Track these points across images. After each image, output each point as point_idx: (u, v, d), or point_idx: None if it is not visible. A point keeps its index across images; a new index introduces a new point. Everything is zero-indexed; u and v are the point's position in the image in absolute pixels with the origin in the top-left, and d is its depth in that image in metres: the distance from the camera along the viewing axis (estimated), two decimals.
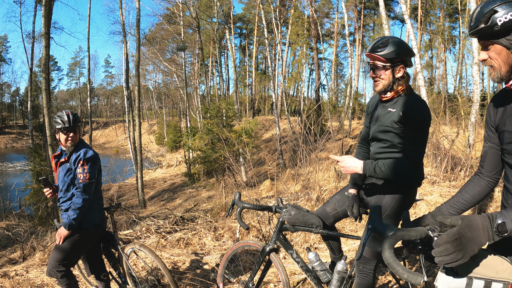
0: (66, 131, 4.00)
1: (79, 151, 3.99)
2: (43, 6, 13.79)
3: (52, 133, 13.58)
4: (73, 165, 3.98)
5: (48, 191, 4.27)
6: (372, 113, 3.17)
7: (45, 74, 13.85)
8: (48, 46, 13.84)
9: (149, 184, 29.55)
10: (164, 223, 7.59)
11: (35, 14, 25.64)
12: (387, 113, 2.95)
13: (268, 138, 35.84)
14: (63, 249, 3.95)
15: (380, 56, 2.82)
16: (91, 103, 31.05)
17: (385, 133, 2.95)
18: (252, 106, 53.88)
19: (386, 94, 2.96)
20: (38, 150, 20.92)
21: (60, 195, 4.12)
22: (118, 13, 28.47)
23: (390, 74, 2.86)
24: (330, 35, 51.78)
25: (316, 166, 8.42)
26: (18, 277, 6.05)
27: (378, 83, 2.92)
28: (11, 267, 7.06)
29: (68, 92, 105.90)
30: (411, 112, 2.80)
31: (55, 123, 4.03)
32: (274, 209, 3.40)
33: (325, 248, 5.42)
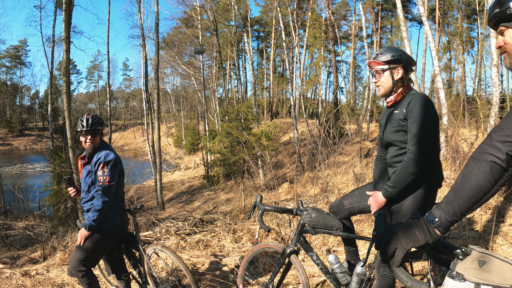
0: (85, 133, 4.09)
1: (100, 153, 4.05)
2: (64, 11, 13.98)
3: (72, 136, 13.76)
4: (93, 167, 4.04)
5: (72, 190, 4.38)
6: (384, 124, 3.28)
7: (66, 77, 14.02)
8: (69, 50, 14.01)
9: (167, 186, 29.67)
10: (184, 225, 7.62)
11: (55, 18, 25.95)
12: (394, 115, 3.08)
13: (286, 141, 35.77)
14: (84, 250, 4.02)
15: (378, 61, 3.05)
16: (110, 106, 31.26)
17: (395, 134, 3.04)
18: (270, 109, 53.84)
19: (389, 97, 3.15)
20: (58, 152, 21.13)
21: (82, 196, 4.20)
22: (137, 17, 28.67)
23: (389, 75, 3.05)
24: (347, 38, 51.50)
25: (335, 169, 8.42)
26: (38, 276, 6.13)
27: (380, 87, 3.13)
28: (32, 266, 7.16)
29: (87, 95, 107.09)
30: (410, 106, 2.92)
31: (77, 126, 4.14)
32: (294, 211, 3.42)
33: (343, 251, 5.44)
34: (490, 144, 1.64)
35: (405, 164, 2.87)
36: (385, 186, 3.01)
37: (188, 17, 36.83)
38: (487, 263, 1.55)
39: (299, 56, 41.48)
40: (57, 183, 18.75)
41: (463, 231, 5.12)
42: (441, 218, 1.66)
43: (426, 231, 1.67)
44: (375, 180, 3.50)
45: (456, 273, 1.58)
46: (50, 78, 27.27)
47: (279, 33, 48.06)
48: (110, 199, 3.94)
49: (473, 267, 1.55)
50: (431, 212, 1.70)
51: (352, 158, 13.41)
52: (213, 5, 35.98)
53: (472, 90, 38.44)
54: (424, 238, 1.66)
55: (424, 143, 2.85)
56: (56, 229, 12.80)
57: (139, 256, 4.44)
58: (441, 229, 1.66)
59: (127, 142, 74.22)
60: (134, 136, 77.70)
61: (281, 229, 6.29)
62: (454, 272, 1.58)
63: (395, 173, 2.93)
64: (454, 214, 1.65)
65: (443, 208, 1.67)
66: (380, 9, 45.89)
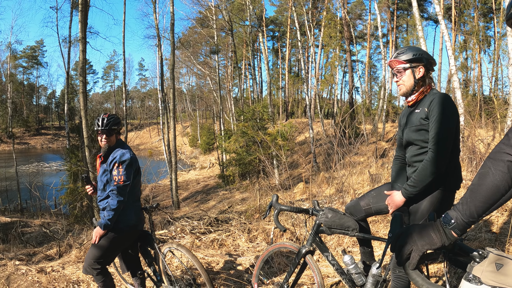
0: (101, 133, 4.14)
1: (116, 153, 4.07)
2: (80, 12, 14.10)
3: (89, 135, 13.87)
4: (109, 166, 4.06)
5: (89, 188, 4.44)
6: (403, 123, 3.28)
7: (82, 77, 14.15)
8: (85, 50, 14.13)
9: (182, 186, 29.80)
10: (199, 224, 7.64)
11: (71, 19, 26.22)
12: (415, 114, 3.06)
13: (301, 141, 35.71)
14: (99, 248, 4.06)
15: (400, 60, 3.05)
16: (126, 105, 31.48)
17: (416, 133, 3.03)
18: (285, 109, 53.83)
19: (410, 96, 3.13)
20: (74, 151, 21.30)
21: (99, 194, 4.24)
22: (152, 17, 28.88)
23: (410, 74, 3.05)
24: (363, 37, 51.23)
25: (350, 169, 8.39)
26: (54, 273, 6.20)
27: (401, 86, 3.12)
28: (48, 263, 7.23)
29: (103, 94, 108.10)
30: (432, 105, 2.90)
31: (93, 125, 4.20)
32: (310, 211, 3.42)
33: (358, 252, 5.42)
34: (508, 144, 1.62)
35: (426, 163, 2.85)
36: (404, 185, 2.99)
37: (203, 17, 36.96)
38: (504, 266, 1.53)
39: (314, 56, 41.34)
40: (73, 182, 18.91)
41: (479, 233, 5.07)
42: (457, 219, 1.65)
43: (442, 233, 1.66)
44: (392, 180, 3.49)
45: (473, 276, 1.56)
46: (67, 78, 27.52)
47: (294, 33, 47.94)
48: (125, 198, 3.96)
49: (490, 270, 1.53)
50: (448, 213, 1.69)
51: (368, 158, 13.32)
52: (228, 5, 36.04)
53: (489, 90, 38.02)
54: (440, 240, 1.65)
55: (445, 143, 2.83)
56: (72, 227, 12.93)
57: (154, 254, 4.47)
58: (458, 230, 1.64)
59: (142, 141, 74.65)
60: (149, 135, 78.13)
61: (296, 229, 6.28)
62: (470, 275, 1.57)
63: (416, 172, 2.91)
64: (470, 215, 1.63)
65: (460, 209, 1.66)
66: (396, 8, 45.57)
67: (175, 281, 4.37)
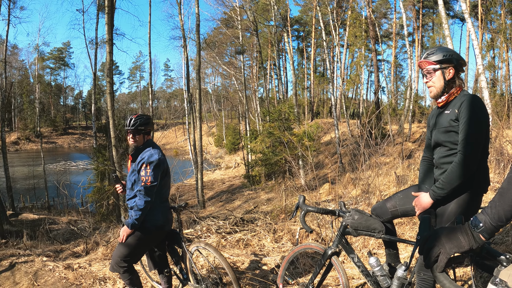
0: (129, 132, 4.22)
1: (145, 153, 4.12)
2: (106, 14, 14.29)
3: (116, 135, 14.05)
4: (137, 166, 4.12)
5: (119, 187, 4.55)
6: (432, 124, 3.25)
7: (109, 78, 14.34)
8: (112, 52, 14.31)
9: (207, 185, 29.93)
10: (224, 224, 7.68)
11: (97, 21, 26.66)
12: (444, 116, 3.05)
13: (327, 141, 35.55)
14: (126, 246, 4.13)
15: (429, 61, 3.02)
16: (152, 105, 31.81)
17: (445, 134, 3.01)
18: (311, 109, 53.65)
19: (441, 98, 3.10)
20: (101, 150, 21.60)
21: (127, 193, 4.32)
22: (177, 18, 29.06)
23: (441, 76, 3.01)
24: (388, 36, 50.69)
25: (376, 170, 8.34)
26: (81, 270, 6.31)
27: (431, 88, 3.09)
28: (75, 260, 7.36)
29: (129, 95, 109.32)
30: (463, 107, 2.88)
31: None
32: (337, 213, 3.43)
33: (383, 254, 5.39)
34: None
35: (456, 165, 2.84)
36: (432, 187, 2.98)
37: (228, 18, 37.11)
38: None
39: (339, 56, 41.14)
40: (100, 180, 19.17)
41: (506, 237, 5.00)
42: (485, 223, 1.64)
43: (470, 236, 1.66)
44: (420, 181, 3.47)
45: (500, 280, 1.56)
46: (94, 79, 27.96)
47: (319, 33, 47.82)
48: (152, 199, 4.00)
49: None
50: (476, 217, 1.69)
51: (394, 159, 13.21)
52: (253, 5, 36.10)
53: None
54: (468, 243, 1.65)
55: (476, 145, 2.81)
56: (98, 224, 13.12)
57: (182, 253, 4.52)
58: (486, 234, 1.64)
59: (168, 141, 75.21)
60: (175, 135, 78.69)
61: (321, 230, 6.28)
62: (497, 279, 1.57)
63: (444, 174, 2.90)
64: (499, 219, 1.63)
65: (488, 213, 1.66)
66: (421, 6, 44.94)
67: (202, 279, 4.40)
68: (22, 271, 6.95)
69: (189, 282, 4.51)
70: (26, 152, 70.14)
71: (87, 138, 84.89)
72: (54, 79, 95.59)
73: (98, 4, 25.74)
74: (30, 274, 6.55)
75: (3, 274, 7.18)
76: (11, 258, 8.14)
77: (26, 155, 60.36)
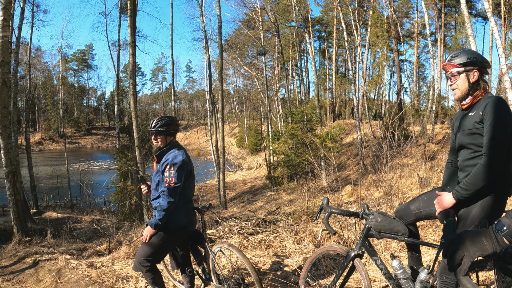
0: (152, 133, 4.29)
1: (169, 155, 4.17)
2: (129, 16, 14.46)
3: (139, 135, 14.20)
4: (161, 167, 4.17)
5: (144, 188, 4.60)
6: (456, 127, 3.24)
7: (132, 80, 14.48)
8: (134, 54, 14.47)
9: (229, 186, 29.99)
10: (247, 225, 7.68)
11: (119, 23, 27.00)
12: (469, 118, 3.03)
13: (349, 143, 35.37)
14: (150, 246, 4.19)
15: (454, 63, 3.02)
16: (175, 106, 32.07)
17: (469, 136, 2.99)
18: (332, 110, 53.41)
19: (465, 100, 3.09)
20: (124, 150, 21.83)
21: (152, 193, 4.38)
22: (199, 20, 29.25)
23: (465, 78, 3.01)
24: (410, 36, 50.08)
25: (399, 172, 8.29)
26: (104, 268, 6.42)
27: (456, 90, 3.08)
28: (97, 258, 7.48)
29: (151, 96, 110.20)
30: (487, 109, 2.86)
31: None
32: (360, 215, 3.42)
33: (405, 257, 5.36)
34: None
35: (480, 167, 2.82)
36: (456, 187, 2.96)
37: (249, 19, 37.20)
38: None
39: (361, 56, 40.92)
40: (123, 180, 19.37)
41: None
42: (510, 226, 1.64)
43: (494, 240, 1.66)
44: (444, 183, 3.44)
45: None
46: (117, 80, 28.27)
47: (340, 33, 47.53)
48: (175, 199, 4.04)
49: None
50: (500, 220, 1.69)
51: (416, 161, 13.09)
52: (274, 6, 36.09)
53: None
54: (492, 247, 1.65)
55: (501, 147, 2.80)
56: (121, 224, 13.25)
57: (204, 253, 4.56)
58: (510, 238, 1.64)
59: (190, 141, 75.57)
60: (197, 135, 79.07)
61: (343, 232, 6.27)
62: None
63: (469, 175, 2.88)
64: None
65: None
66: (443, 5, 44.28)
67: (224, 280, 4.43)
68: (46, 268, 7.09)
69: (211, 282, 4.54)
70: (49, 152, 71.38)
71: (110, 138, 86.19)
72: (77, 80, 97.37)
73: (120, 7, 26.06)
74: (53, 272, 6.67)
75: (27, 271, 7.34)
76: (35, 255, 8.32)
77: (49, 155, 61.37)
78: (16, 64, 20.63)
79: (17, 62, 21.20)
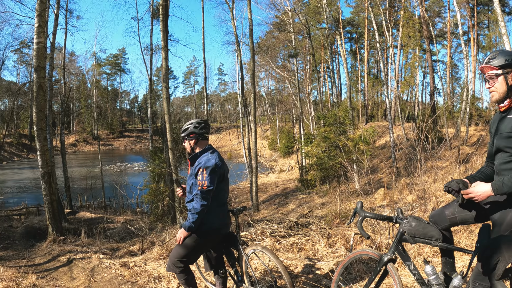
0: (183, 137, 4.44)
1: (203, 158, 4.23)
2: (161, 21, 14.66)
3: (172, 138, 14.37)
4: (194, 170, 4.24)
5: (179, 191, 4.72)
6: (494, 130, 3.16)
7: (165, 84, 14.67)
8: (167, 58, 14.66)
9: (261, 188, 30.03)
10: (279, 227, 7.67)
11: (151, 28, 27.49)
12: (507, 121, 2.97)
13: (381, 145, 35.02)
14: (183, 248, 4.26)
15: (492, 66, 2.94)
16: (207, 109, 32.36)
17: (507, 140, 2.93)
18: (365, 112, 53.03)
19: (503, 103, 3.02)
20: (157, 153, 22.12)
21: (187, 196, 4.46)
22: (230, 23, 29.44)
23: (503, 81, 2.93)
24: (443, 36, 49.22)
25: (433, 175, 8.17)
26: (136, 268, 6.54)
27: (494, 93, 3.02)
28: (130, 258, 7.62)
29: (183, 98, 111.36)
30: None
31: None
32: (394, 219, 3.39)
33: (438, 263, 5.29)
34: None
35: None
36: (497, 181, 2.85)
37: (280, 21, 37.20)
38: None
39: (393, 57, 40.36)
40: (156, 182, 19.62)
41: None
42: None
43: None
44: (472, 175, 3.37)
45: None
46: (150, 84, 28.71)
47: (372, 34, 47.24)
48: (208, 202, 4.09)
49: None
50: None
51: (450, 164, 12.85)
52: (304, 8, 36.04)
53: None
54: None
55: None
56: (153, 224, 13.44)
57: (238, 255, 4.60)
58: None
59: (222, 144, 75.94)
60: (229, 138, 79.41)
61: (376, 236, 6.23)
62: None
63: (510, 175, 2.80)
64: None
65: None
66: (475, 3, 43.33)
67: (256, 282, 4.47)
68: (79, 267, 7.27)
69: (244, 284, 4.57)
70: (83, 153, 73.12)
71: (143, 140, 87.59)
72: (110, 84, 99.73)
73: (152, 12, 26.51)
74: (87, 270, 6.83)
75: (61, 269, 7.54)
76: (69, 254, 8.55)
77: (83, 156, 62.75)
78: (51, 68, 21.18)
79: (52, 66, 21.78)
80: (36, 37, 11.02)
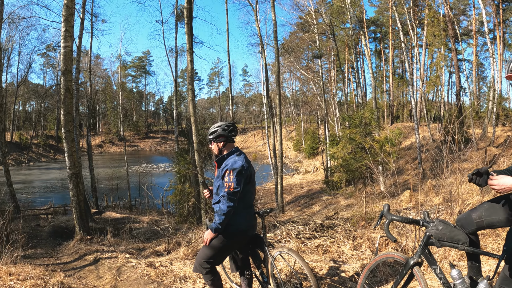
0: (209, 140, 4.51)
1: (229, 160, 4.28)
2: (186, 24, 14.77)
3: (198, 140, 14.48)
4: (221, 172, 4.28)
5: (206, 193, 4.79)
6: None
7: (191, 86, 14.77)
8: (192, 60, 14.76)
9: (286, 189, 30.00)
10: (304, 229, 7.66)
11: (176, 30, 27.81)
12: None
13: (407, 146, 34.66)
14: (210, 249, 4.31)
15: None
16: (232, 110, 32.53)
17: None
18: (390, 113, 52.56)
19: None
20: (183, 154, 22.30)
21: (214, 197, 4.50)
22: (254, 25, 29.49)
23: None
24: (468, 34, 48.28)
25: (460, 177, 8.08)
26: (162, 268, 6.62)
27: None
28: (156, 258, 7.73)
29: (208, 100, 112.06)
30: None
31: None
32: (421, 223, 3.37)
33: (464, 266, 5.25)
34: None
35: None
36: None
37: (303, 22, 37.18)
38: None
39: (418, 56, 39.91)
40: (182, 183, 19.78)
41: None
42: None
43: None
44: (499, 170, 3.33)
45: None
46: (175, 86, 28.96)
47: (396, 33, 46.80)
48: (235, 204, 4.13)
49: None
50: None
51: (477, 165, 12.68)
52: (328, 8, 35.92)
53: None
54: None
55: None
56: (179, 225, 13.56)
57: (264, 257, 4.62)
58: None
59: (247, 145, 76.15)
60: (254, 139, 79.55)
61: (402, 239, 6.21)
62: None
63: None
64: None
65: None
66: (501, 1, 42.30)
67: (282, 283, 4.50)
68: (106, 266, 7.40)
69: (269, 285, 4.61)
70: (109, 154, 74.20)
71: (168, 141, 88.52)
72: (135, 86, 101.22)
73: (176, 15, 26.80)
74: (113, 269, 6.94)
75: (88, 267, 7.68)
76: (96, 253, 8.71)
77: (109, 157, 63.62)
78: (77, 71, 21.57)
79: (78, 69, 22.16)
80: (63, 41, 11.25)
